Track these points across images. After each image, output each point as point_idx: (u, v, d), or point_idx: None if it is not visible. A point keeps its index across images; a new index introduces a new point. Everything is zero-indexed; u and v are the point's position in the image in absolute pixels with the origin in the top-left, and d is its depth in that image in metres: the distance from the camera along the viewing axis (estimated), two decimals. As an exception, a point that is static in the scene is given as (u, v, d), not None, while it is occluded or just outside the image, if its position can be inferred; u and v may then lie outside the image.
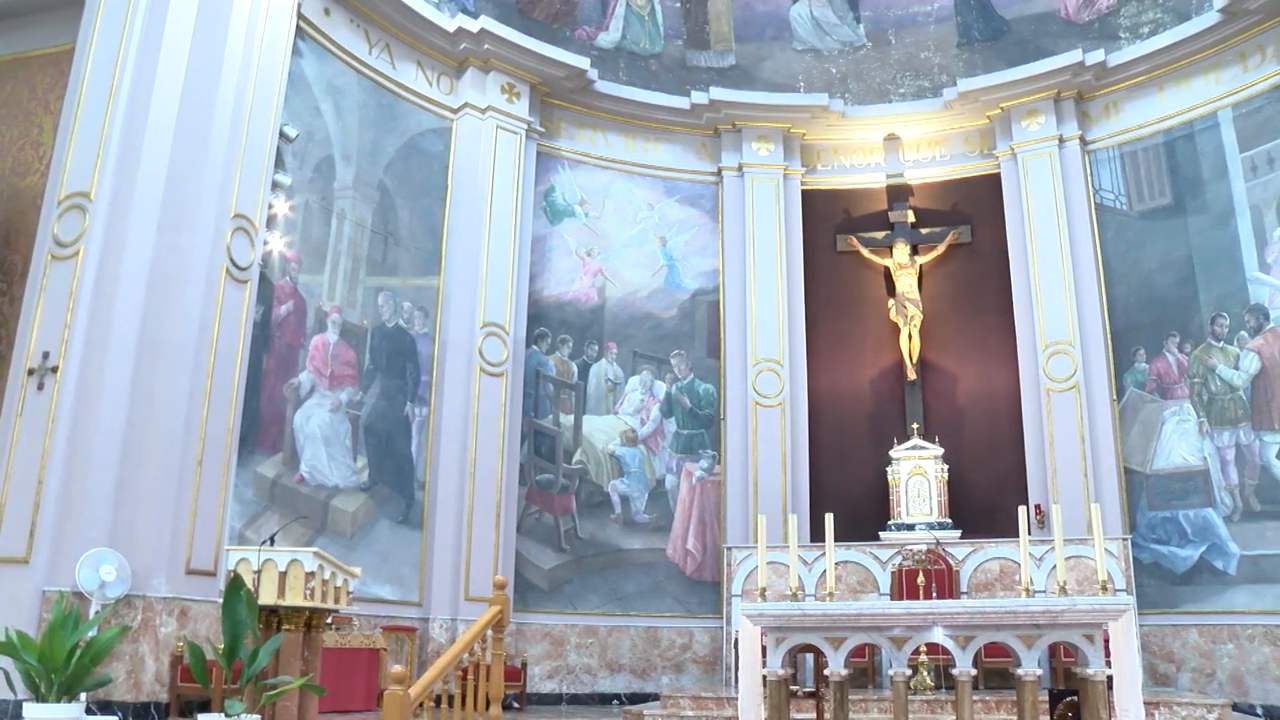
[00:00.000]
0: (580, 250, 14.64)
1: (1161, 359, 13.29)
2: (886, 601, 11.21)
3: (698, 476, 14.34)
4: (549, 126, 14.63)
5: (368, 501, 11.93)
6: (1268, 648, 11.64)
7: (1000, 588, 11.97)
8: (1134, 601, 10.69)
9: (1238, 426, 12.51)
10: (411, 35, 13.19)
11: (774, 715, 6.76)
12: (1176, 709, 9.47)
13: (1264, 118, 12.80)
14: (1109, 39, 14.18)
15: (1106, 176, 14.21)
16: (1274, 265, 12.45)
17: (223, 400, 9.84)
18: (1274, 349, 12.31)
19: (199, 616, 9.27)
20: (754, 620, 6.93)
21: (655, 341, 14.67)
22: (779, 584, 11.83)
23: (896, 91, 15.50)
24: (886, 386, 14.63)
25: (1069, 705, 7.16)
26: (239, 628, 5.49)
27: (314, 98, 11.98)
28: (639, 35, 15.39)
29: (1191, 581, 12.55)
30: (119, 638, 5.41)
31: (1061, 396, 13.48)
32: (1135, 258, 13.77)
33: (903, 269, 14.60)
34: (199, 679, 5.40)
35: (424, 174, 13.31)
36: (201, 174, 9.93)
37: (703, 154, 15.42)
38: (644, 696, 12.84)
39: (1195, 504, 12.70)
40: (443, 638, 11.96)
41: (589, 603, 13.58)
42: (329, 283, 11.97)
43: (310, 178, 11.85)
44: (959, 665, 6.51)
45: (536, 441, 13.81)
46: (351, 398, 11.98)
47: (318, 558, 6.37)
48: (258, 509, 10.65)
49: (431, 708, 6.61)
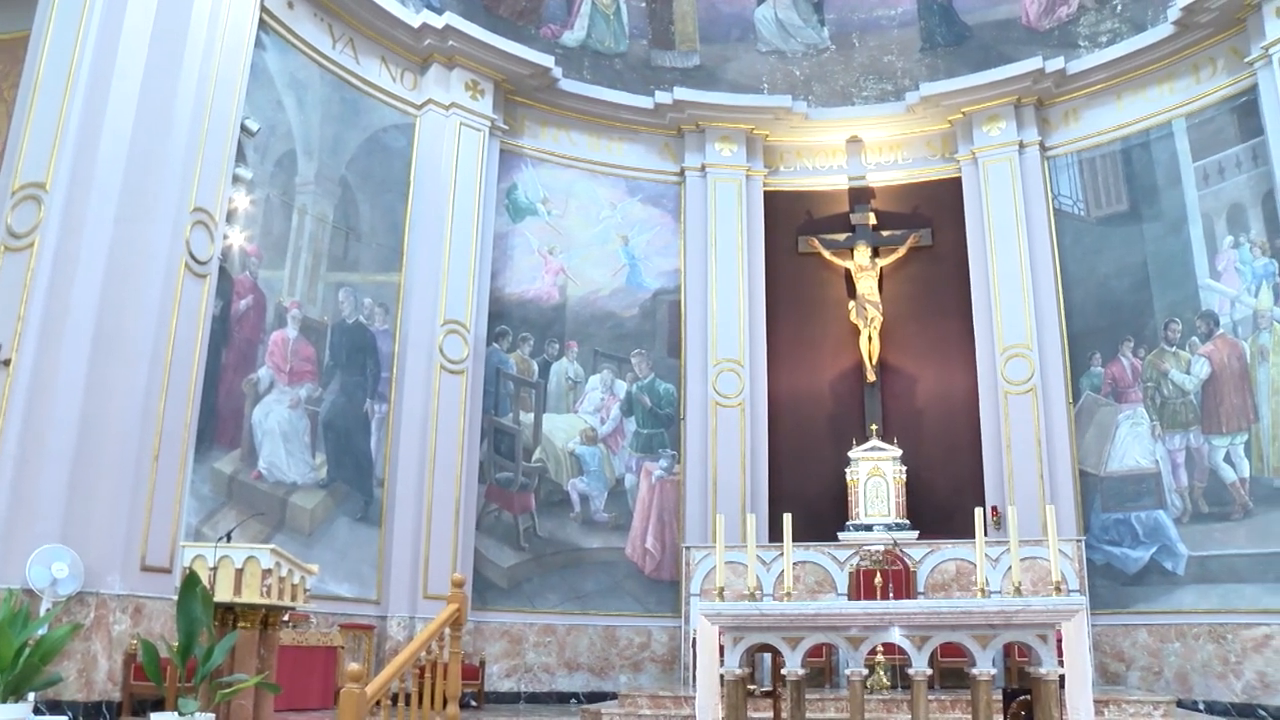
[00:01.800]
0: (542, 248, 14.62)
1: (1116, 363, 13.48)
2: (844, 602, 11.30)
3: (657, 476, 14.36)
4: (512, 124, 14.60)
5: (326, 498, 11.85)
6: (1212, 646, 11.86)
7: (957, 588, 12.09)
8: (1087, 602, 10.85)
9: (1188, 430, 12.72)
10: (376, 30, 13.12)
11: (731, 714, 6.79)
12: (1125, 707, 9.61)
13: (1215, 128, 13.03)
14: (1069, 47, 14.36)
15: (1065, 182, 14.39)
16: (1224, 273, 12.67)
17: (180, 395, 9.74)
18: (1223, 354, 12.53)
19: (154, 614, 9.17)
20: (712, 620, 6.96)
21: (616, 340, 14.68)
22: (737, 584, 11.87)
23: (859, 94, 15.59)
24: (846, 388, 14.72)
25: (1022, 704, 7.24)
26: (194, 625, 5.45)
27: (276, 91, 11.89)
28: (604, 34, 15.40)
29: (1142, 582, 12.75)
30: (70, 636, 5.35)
31: (1019, 399, 13.63)
32: (1092, 263, 13.95)
33: (863, 271, 14.69)
34: (153, 677, 5.36)
35: (386, 170, 13.24)
36: (161, 166, 9.81)
37: (666, 154, 15.44)
38: (602, 695, 12.84)
39: (1147, 506, 12.89)
40: (401, 636, 11.91)
41: (548, 601, 13.57)
42: (289, 278, 11.88)
43: (272, 172, 11.76)
44: (915, 665, 6.57)
45: (496, 439, 13.78)
46: (311, 394, 11.90)
47: (275, 555, 6.33)
48: (215, 505, 10.56)
49: (388, 706, 6.58)
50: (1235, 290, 12.53)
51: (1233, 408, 12.37)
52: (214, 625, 5.86)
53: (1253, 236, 12.47)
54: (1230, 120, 12.89)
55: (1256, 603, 11.68)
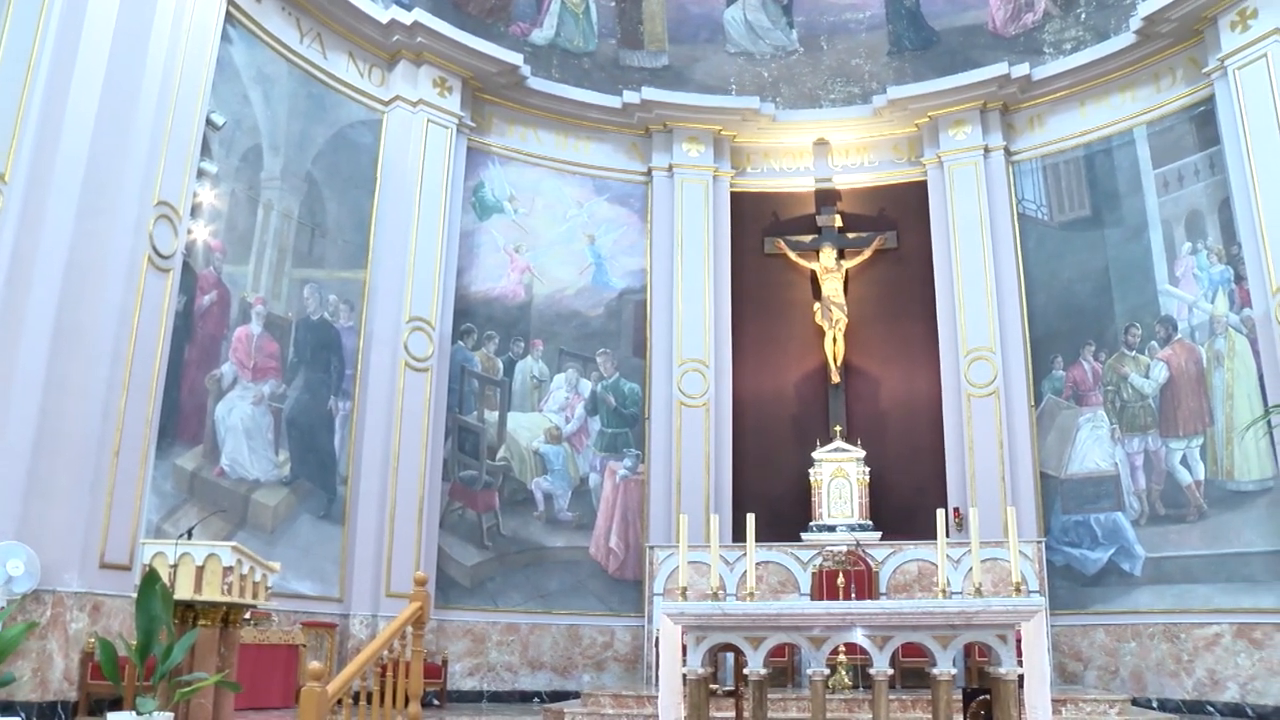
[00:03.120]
0: (508, 247, 14.60)
1: (1078, 366, 13.64)
2: (806, 602, 11.35)
3: (621, 475, 14.38)
4: (480, 122, 14.57)
5: (289, 496, 11.78)
6: (1166, 645, 12.05)
7: (919, 589, 12.18)
8: (1046, 603, 10.97)
9: (1146, 433, 12.90)
10: (344, 25, 13.05)
11: (693, 714, 6.82)
12: (1082, 705, 9.74)
13: (1175, 136, 13.23)
14: (1034, 53, 14.50)
15: (1029, 187, 14.53)
16: (1182, 279, 12.86)
17: (142, 391, 9.64)
18: (1181, 359, 12.71)
19: (112, 612, 9.07)
20: (675, 619, 6.98)
21: (582, 339, 14.68)
22: (700, 583, 11.92)
23: (827, 97, 15.67)
24: (810, 389, 14.80)
25: (982, 704, 7.33)
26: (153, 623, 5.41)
27: (243, 85, 11.80)
28: (573, 33, 15.39)
29: (1100, 583, 12.92)
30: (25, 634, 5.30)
31: (981, 402, 13.75)
32: (1055, 267, 14.10)
33: (829, 273, 14.77)
34: (110, 676, 5.32)
35: (353, 166, 13.17)
36: (124, 159, 9.70)
37: (633, 153, 15.46)
38: (565, 694, 12.84)
39: (1106, 508, 13.06)
40: (363, 634, 11.86)
41: (511, 600, 13.56)
42: (254, 274, 11.79)
43: (237, 166, 11.67)
44: (876, 665, 6.62)
45: (460, 437, 13.74)
46: (274, 390, 11.83)
47: (236, 552, 6.29)
48: (176, 502, 10.47)
49: (350, 704, 6.56)
50: (1193, 296, 12.72)
51: (1189, 411, 12.56)
52: (174, 623, 5.82)
53: (1210, 243, 12.66)
54: (1189, 129, 13.08)
55: (1209, 602, 11.90)
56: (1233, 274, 12.37)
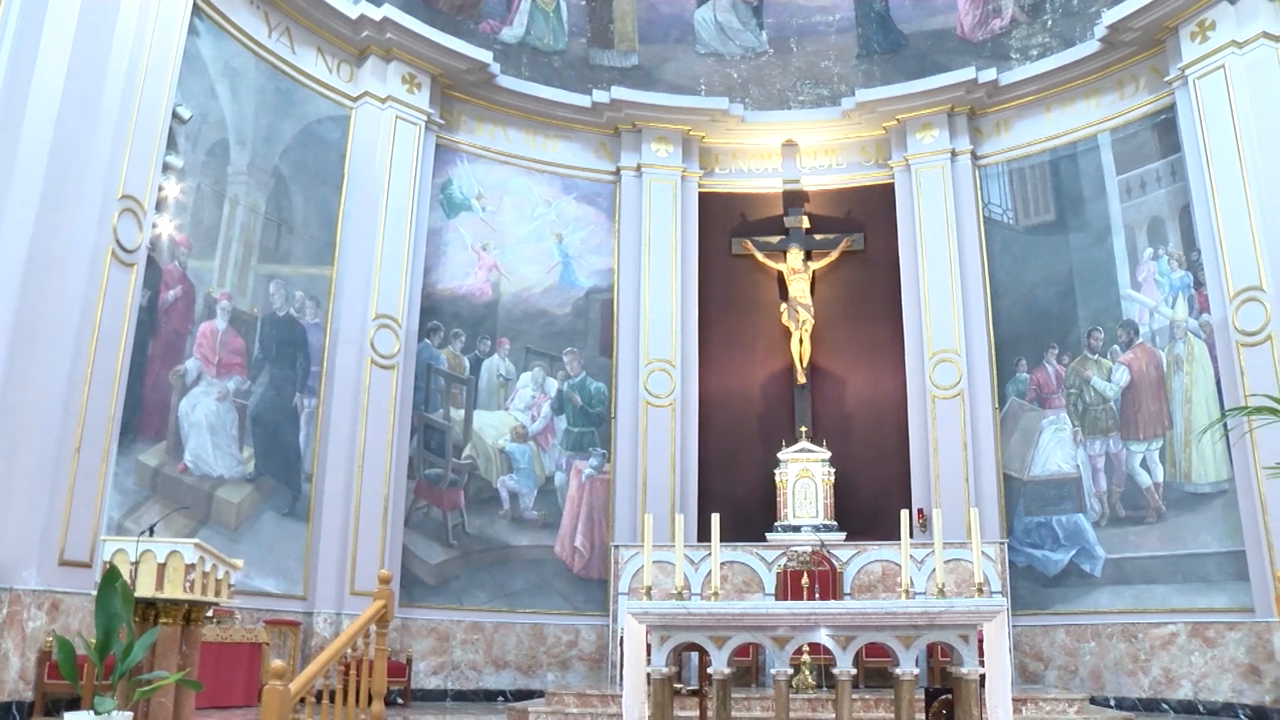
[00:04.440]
0: (476, 244, 14.56)
1: (1041, 369, 13.78)
2: (771, 602, 11.40)
3: (587, 474, 14.38)
4: (449, 119, 14.53)
5: (253, 493, 11.71)
6: (1124, 644, 12.22)
7: (883, 589, 12.26)
8: (1008, 603, 11.10)
9: (1108, 436, 13.06)
10: (313, 20, 12.96)
11: (658, 713, 6.84)
12: (1042, 704, 9.85)
13: (1138, 143, 13.39)
14: (1001, 59, 14.63)
15: (995, 191, 14.65)
16: (1144, 283, 13.02)
17: (104, 386, 9.53)
18: (1142, 363, 12.88)
19: (71, 610, 8.97)
20: (639, 619, 7.00)
21: (548, 338, 14.67)
22: (665, 583, 11.95)
23: (796, 99, 15.74)
24: (776, 389, 14.86)
25: (944, 703, 7.39)
26: (113, 621, 5.36)
27: (210, 79, 11.70)
28: (543, 31, 15.37)
29: (1061, 584, 13.06)
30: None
31: (946, 404, 13.85)
32: (1020, 271, 14.23)
33: (796, 274, 14.83)
34: (68, 675, 5.26)
35: (320, 162, 13.09)
36: (88, 151, 9.58)
37: (602, 153, 15.46)
38: (529, 693, 12.84)
39: (1068, 510, 13.20)
40: (327, 632, 11.81)
41: (476, 599, 13.53)
42: (219, 269, 11.70)
43: (203, 161, 11.57)
44: (840, 665, 6.66)
45: (426, 436, 13.70)
46: (239, 387, 11.74)
47: (199, 549, 6.24)
48: (138, 499, 10.37)
49: (313, 703, 6.52)
50: (1154, 301, 12.88)
51: (1149, 415, 12.72)
52: (134, 621, 5.77)
53: (1171, 249, 12.84)
54: (1151, 136, 13.25)
55: (1166, 602, 12.09)
56: (1192, 280, 12.55)
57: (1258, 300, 11.45)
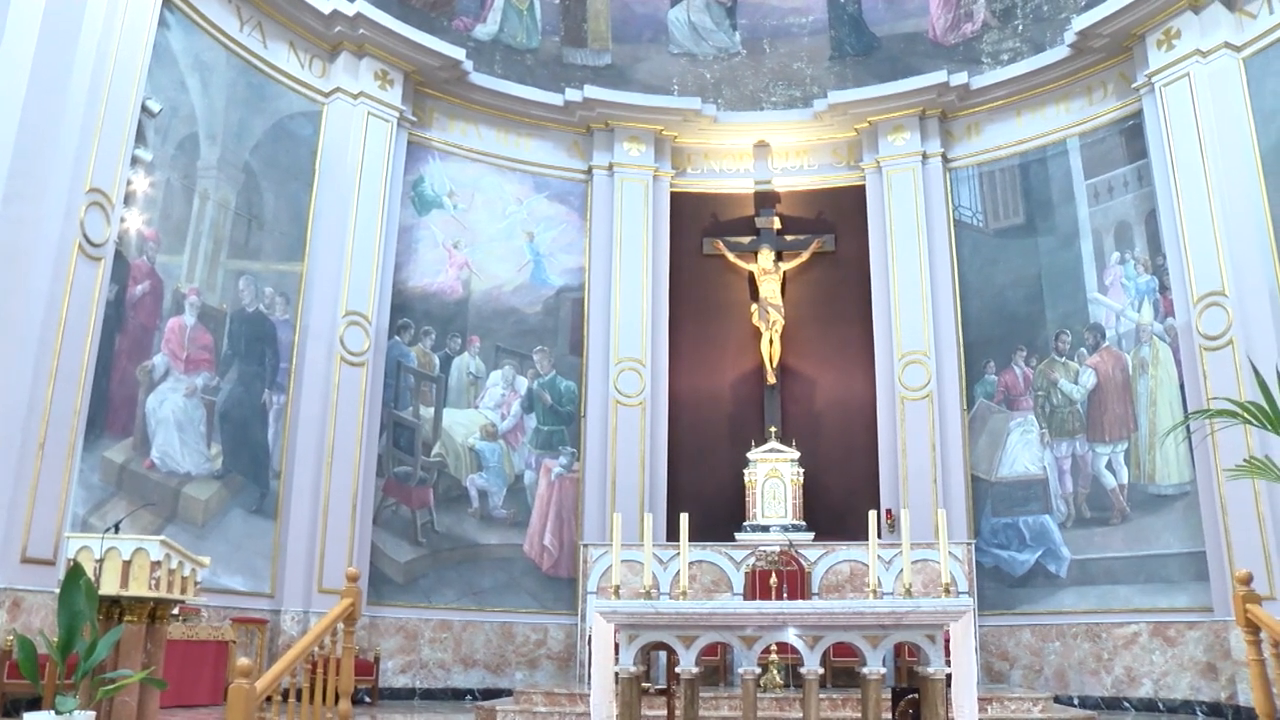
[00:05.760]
0: (447, 242, 14.52)
1: (1009, 371, 13.88)
2: (739, 601, 11.44)
3: (556, 473, 14.37)
4: (421, 116, 14.48)
5: (221, 490, 11.62)
6: (1088, 644, 12.35)
7: (850, 589, 12.31)
8: (974, 603, 11.18)
9: (1074, 438, 13.19)
10: (285, 15, 12.88)
11: (625, 712, 6.85)
12: (1007, 703, 9.93)
13: (1106, 149, 13.53)
14: (972, 63, 14.73)
15: (966, 194, 14.75)
16: (1111, 287, 13.16)
17: (70, 381, 9.44)
18: (1108, 366, 13.01)
19: (34, 608, 8.88)
20: (607, 617, 7.01)
21: (519, 337, 14.65)
22: (634, 582, 11.96)
23: (768, 100, 15.78)
24: (746, 389, 14.90)
25: (910, 703, 7.43)
26: (76, 619, 5.31)
27: (180, 72, 11.60)
28: (516, 29, 15.34)
29: (1027, 584, 13.18)
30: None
31: (915, 405, 13.93)
32: (989, 273, 14.34)
33: (766, 274, 14.88)
34: (28, 675, 5.20)
35: (291, 157, 13.01)
36: (54, 144, 9.50)
37: (574, 151, 15.44)
38: (498, 692, 12.82)
39: (1034, 511, 13.32)
40: (294, 630, 11.74)
41: (444, 597, 13.50)
42: (188, 264, 11.61)
43: (173, 155, 11.47)
44: (807, 664, 6.69)
45: (395, 433, 13.65)
46: (208, 383, 11.66)
47: (165, 546, 6.20)
48: (104, 495, 10.27)
49: (279, 702, 6.49)
50: (1120, 305, 13.02)
51: (1115, 417, 12.86)
52: (98, 619, 5.72)
53: (1137, 254, 12.98)
54: (1119, 142, 13.39)
55: (1129, 602, 12.24)
56: (1158, 284, 12.69)
57: (1220, 305, 11.59)
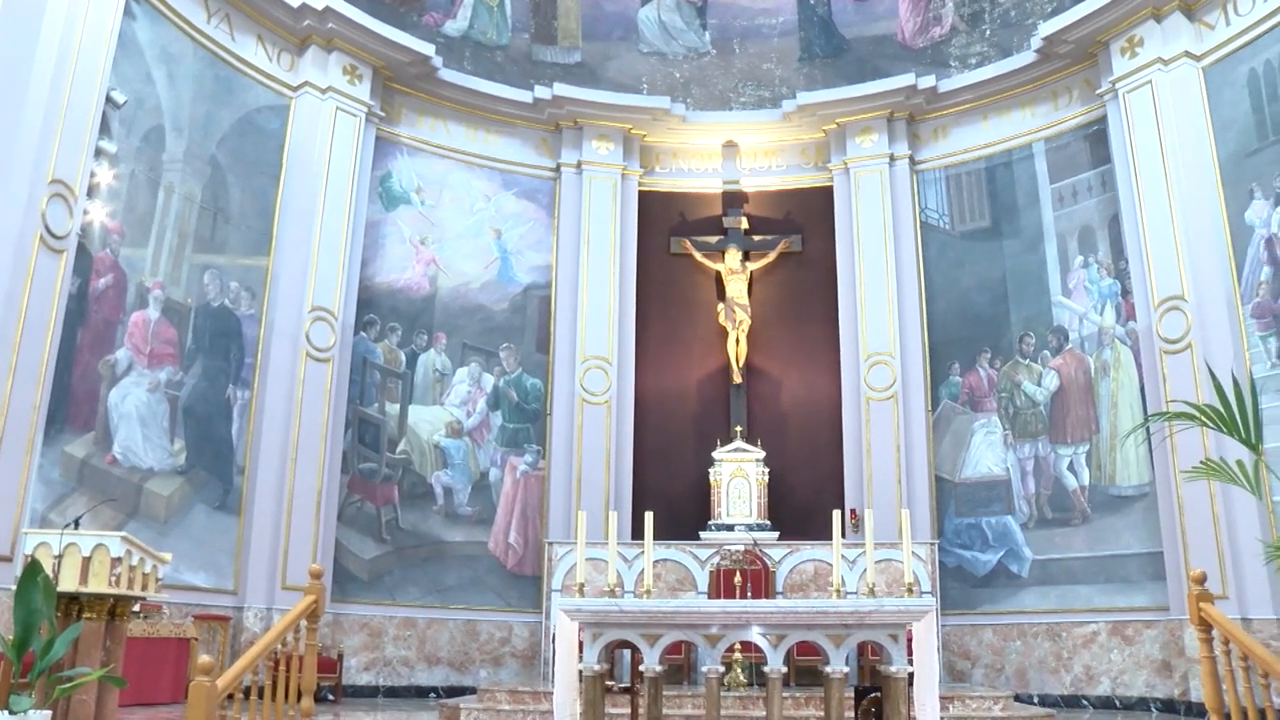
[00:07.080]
0: (414, 238, 14.46)
1: (974, 373, 14.00)
2: (703, 600, 11.47)
3: (522, 471, 14.36)
4: (389, 111, 14.41)
5: (184, 485, 11.52)
6: (1048, 643, 12.50)
7: (815, 589, 12.38)
8: (937, 603, 11.27)
9: (1037, 439, 13.33)
10: (253, 7, 12.78)
11: (589, 710, 6.85)
12: (968, 702, 10.01)
13: (1070, 153, 13.68)
14: (940, 66, 14.83)
15: (932, 196, 14.86)
16: (1074, 290, 13.30)
17: (30, 375, 9.33)
18: (1071, 368, 13.15)
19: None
20: (571, 615, 7.01)
21: (485, 334, 14.61)
22: (598, 580, 11.95)
23: (737, 100, 15.82)
24: (712, 389, 14.94)
25: (873, 701, 7.49)
26: (33, 616, 5.25)
27: (146, 64, 11.48)
28: (487, 26, 15.30)
29: (990, 584, 13.30)
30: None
31: (880, 405, 14.02)
32: (955, 275, 14.44)
33: (734, 274, 14.92)
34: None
35: (259, 151, 12.91)
36: (16, 133, 9.38)
37: (543, 149, 15.42)
38: (462, 690, 12.80)
39: (997, 511, 13.45)
40: (257, 627, 11.66)
41: (409, 594, 13.45)
42: (153, 257, 11.50)
43: (138, 147, 11.36)
44: (771, 663, 6.71)
45: (361, 430, 13.59)
46: (171, 378, 11.55)
47: (126, 542, 6.13)
48: (64, 490, 10.16)
49: (241, 699, 6.45)
50: (1083, 308, 13.16)
51: (1077, 419, 13.00)
52: (56, 616, 5.65)
53: (1100, 257, 13.13)
54: (1084, 147, 13.54)
55: (1089, 602, 12.39)
56: (1120, 288, 12.85)
57: (1179, 309, 11.75)
